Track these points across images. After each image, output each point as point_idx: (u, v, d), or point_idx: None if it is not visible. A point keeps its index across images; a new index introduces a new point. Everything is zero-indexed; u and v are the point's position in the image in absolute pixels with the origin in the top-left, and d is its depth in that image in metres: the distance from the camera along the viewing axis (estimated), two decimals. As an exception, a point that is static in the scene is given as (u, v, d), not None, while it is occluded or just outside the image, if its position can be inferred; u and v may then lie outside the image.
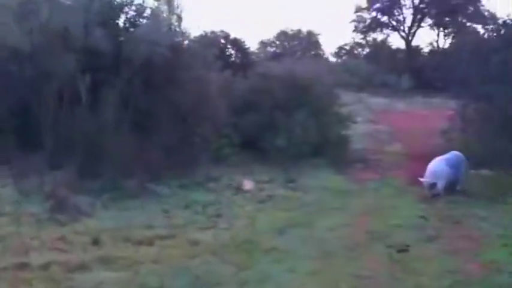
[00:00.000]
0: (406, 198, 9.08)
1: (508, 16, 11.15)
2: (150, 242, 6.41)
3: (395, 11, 33.25)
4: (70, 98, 9.24)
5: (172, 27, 11.17)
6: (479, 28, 32.71)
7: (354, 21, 33.76)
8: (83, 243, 6.19)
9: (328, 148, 11.86)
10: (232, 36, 21.21)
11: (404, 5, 33.29)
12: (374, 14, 33.28)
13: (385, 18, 33.31)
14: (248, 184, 9.81)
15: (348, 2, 47.94)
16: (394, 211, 8.22)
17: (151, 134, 9.61)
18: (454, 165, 9.40)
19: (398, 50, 35.95)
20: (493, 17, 34.25)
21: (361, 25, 33.90)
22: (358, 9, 33.30)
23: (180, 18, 11.54)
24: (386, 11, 32.94)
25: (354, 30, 34.85)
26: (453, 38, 34.35)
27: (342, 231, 7.20)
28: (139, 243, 6.36)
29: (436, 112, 20.02)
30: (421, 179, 9.20)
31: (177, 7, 11.36)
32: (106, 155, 8.82)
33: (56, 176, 8.30)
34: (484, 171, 10.41)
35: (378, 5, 32.75)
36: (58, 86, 9.08)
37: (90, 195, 8.01)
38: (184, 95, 10.34)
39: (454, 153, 9.81)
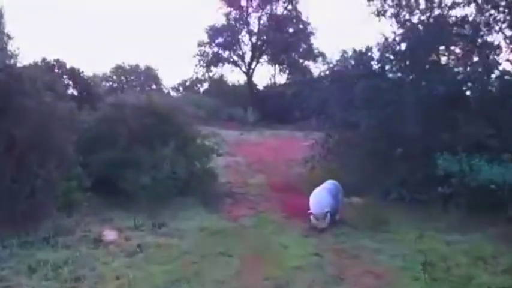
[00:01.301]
0: (291, 234, 8.40)
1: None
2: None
3: (235, 46, 34.11)
4: None
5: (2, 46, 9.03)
6: (311, 65, 35.79)
7: (197, 55, 33.61)
8: None
9: (195, 184, 10.73)
10: (69, 66, 18.97)
11: (243, 42, 34.42)
12: (216, 49, 33.63)
13: (226, 53, 33.88)
14: (110, 234, 8.12)
15: (193, 37, 47.97)
16: (285, 251, 7.44)
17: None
18: (334, 195, 9.13)
19: (239, 84, 37.01)
20: (321, 55, 37.73)
21: (203, 59, 33.90)
22: (201, 44, 33.30)
23: (9, 37, 9.47)
24: (228, 46, 33.58)
25: (196, 65, 34.71)
26: (288, 73, 36.68)
27: (236, 283, 6.13)
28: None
29: (287, 143, 20.61)
30: (310, 211, 8.68)
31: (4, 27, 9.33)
32: None
33: None
34: (355, 199, 10.42)
35: (219, 40, 33.19)
36: None
37: None
38: (21, 126, 8.28)
39: (331, 183, 9.56)
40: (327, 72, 12.41)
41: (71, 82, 19.30)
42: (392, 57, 10.64)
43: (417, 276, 5.94)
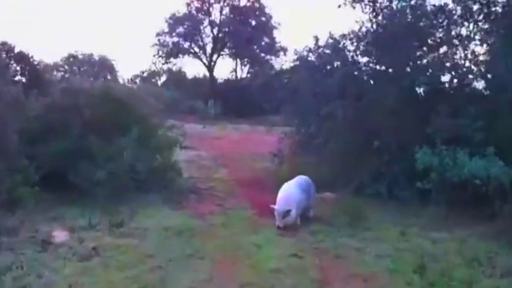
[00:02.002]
0: (264, 232, 7.69)
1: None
2: None
3: (196, 37, 33.05)
4: None
5: None
6: (273, 59, 35.27)
7: (155, 45, 32.30)
8: None
9: (157, 179, 9.85)
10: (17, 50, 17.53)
11: (205, 33, 33.41)
12: (176, 39, 32.44)
13: (187, 44, 32.75)
14: (61, 234, 7.16)
15: (152, 27, 46.18)
16: (260, 251, 6.74)
17: None
18: (305, 190, 8.52)
19: (199, 77, 36.03)
20: (284, 50, 37.30)
21: (162, 50, 32.63)
22: (160, 33, 32.02)
23: None
24: (188, 36, 32.46)
25: (154, 55, 33.40)
26: (250, 67, 36.03)
27: (210, 291, 5.39)
28: None
29: (250, 136, 19.96)
30: (273, 206, 8.02)
31: None
32: None
33: None
34: (327, 194, 9.88)
35: (179, 30, 32.02)
36: None
37: None
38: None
39: (302, 177, 8.95)
40: (298, 63, 11.78)
41: (19, 68, 17.91)
42: (368, 46, 10.12)
43: (410, 280, 5.38)
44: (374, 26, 10.17)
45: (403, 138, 9.21)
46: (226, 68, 37.11)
